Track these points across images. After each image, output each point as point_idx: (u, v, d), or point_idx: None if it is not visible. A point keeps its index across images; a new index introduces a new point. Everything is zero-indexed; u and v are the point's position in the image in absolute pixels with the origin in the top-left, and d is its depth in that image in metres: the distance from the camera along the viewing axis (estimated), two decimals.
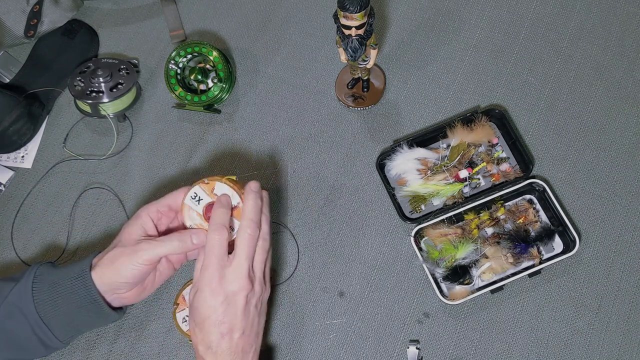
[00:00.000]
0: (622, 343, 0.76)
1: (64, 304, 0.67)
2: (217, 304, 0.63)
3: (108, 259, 0.67)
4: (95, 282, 0.67)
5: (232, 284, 0.64)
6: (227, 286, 0.64)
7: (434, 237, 0.80)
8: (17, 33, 0.90)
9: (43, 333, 0.67)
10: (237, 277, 0.64)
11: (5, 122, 0.85)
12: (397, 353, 0.77)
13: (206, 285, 0.64)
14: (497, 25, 0.93)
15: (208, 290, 0.63)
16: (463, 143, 0.83)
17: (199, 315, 0.64)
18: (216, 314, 0.63)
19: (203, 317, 0.64)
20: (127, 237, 0.68)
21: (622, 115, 0.86)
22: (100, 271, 0.67)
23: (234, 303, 0.64)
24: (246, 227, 0.66)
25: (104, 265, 0.67)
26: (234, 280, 0.64)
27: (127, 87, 0.87)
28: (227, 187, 0.69)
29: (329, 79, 0.91)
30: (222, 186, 0.69)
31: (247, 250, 0.65)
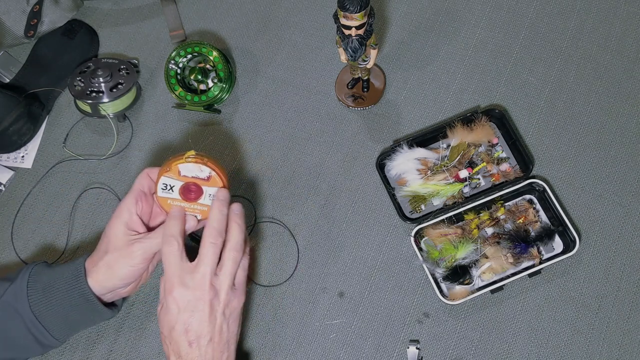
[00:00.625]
0: (622, 343, 0.76)
1: (58, 303, 0.67)
2: (180, 312, 0.63)
3: (104, 266, 0.67)
4: (92, 285, 0.67)
5: (194, 291, 0.63)
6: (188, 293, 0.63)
7: (434, 237, 0.80)
8: (17, 33, 0.90)
9: (39, 332, 0.67)
10: (198, 285, 0.63)
11: (5, 122, 0.85)
12: (397, 353, 0.77)
13: (168, 295, 0.63)
14: (497, 25, 0.93)
15: (170, 299, 0.63)
16: (463, 143, 0.83)
17: (166, 326, 0.64)
18: (181, 322, 0.63)
19: (170, 327, 0.64)
20: (115, 239, 0.68)
21: (622, 115, 0.86)
22: (96, 276, 0.68)
23: (198, 310, 0.63)
24: (208, 236, 0.65)
25: (100, 272, 0.68)
26: (195, 288, 0.63)
27: (127, 87, 0.87)
28: (192, 165, 0.68)
29: (329, 79, 0.91)
30: (187, 166, 0.68)
31: (209, 258, 0.64)
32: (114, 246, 0.68)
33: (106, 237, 0.69)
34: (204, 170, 0.68)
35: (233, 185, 0.86)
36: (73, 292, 0.67)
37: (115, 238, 0.68)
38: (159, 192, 0.69)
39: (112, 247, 0.68)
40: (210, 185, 0.68)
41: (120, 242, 0.68)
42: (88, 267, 0.68)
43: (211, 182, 0.68)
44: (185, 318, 0.63)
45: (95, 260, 0.68)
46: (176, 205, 0.68)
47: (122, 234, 0.68)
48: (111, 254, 0.67)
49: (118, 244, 0.68)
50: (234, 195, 0.86)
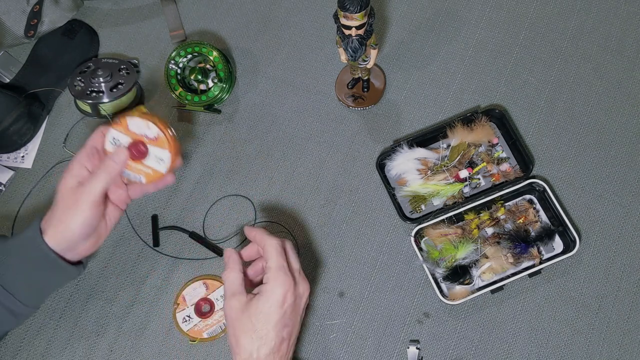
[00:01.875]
0: (622, 343, 0.76)
1: (20, 266, 0.67)
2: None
3: (55, 219, 0.67)
4: (49, 244, 0.67)
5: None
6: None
7: (434, 237, 0.80)
8: (17, 33, 0.90)
9: (8, 300, 0.67)
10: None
11: (5, 122, 0.85)
12: (397, 353, 0.77)
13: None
14: (497, 25, 0.93)
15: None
16: (463, 143, 0.83)
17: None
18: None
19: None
20: (65, 192, 0.67)
21: (622, 115, 0.86)
22: (52, 233, 0.67)
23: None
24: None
25: (53, 226, 0.67)
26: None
27: (127, 87, 0.87)
28: (140, 120, 0.67)
29: (329, 79, 0.91)
30: (135, 120, 0.67)
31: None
32: (63, 199, 0.67)
33: (58, 192, 0.68)
34: (151, 129, 0.67)
35: (233, 184, 0.86)
36: (32, 252, 0.67)
37: (65, 191, 0.67)
38: (107, 146, 0.69)
39: (62, 201, 0.67)
40: (157, 146, 0.68)
41: (68, 194, 0.67)
42: (44, 226, 0.68)
43: (158, 143, 0.68)
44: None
45: (48, 217, 0.68)
46: (231, 254, 0.70)
47: (71, 185, 0.67)
48: (61, 207, 0.67)
49: (66, 195, 0.67)
50: (235, 195, 0.86)
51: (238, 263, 0.69)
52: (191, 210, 0.85)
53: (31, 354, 0.79)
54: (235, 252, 0.70)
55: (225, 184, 0.87)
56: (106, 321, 0.80)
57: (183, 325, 0.78)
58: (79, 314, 0.81)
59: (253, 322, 0.64)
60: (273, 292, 0.65)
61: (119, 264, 0.83)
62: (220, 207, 0.85)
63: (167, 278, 0.82)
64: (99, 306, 0.81)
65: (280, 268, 0.66)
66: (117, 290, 0.82)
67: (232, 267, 0.68)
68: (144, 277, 0.82)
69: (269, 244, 0.67)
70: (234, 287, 0.67)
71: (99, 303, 0.81)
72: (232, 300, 0.66)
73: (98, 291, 0.82)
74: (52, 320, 0.80)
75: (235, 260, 0.69)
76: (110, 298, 0.81)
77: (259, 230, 0.70)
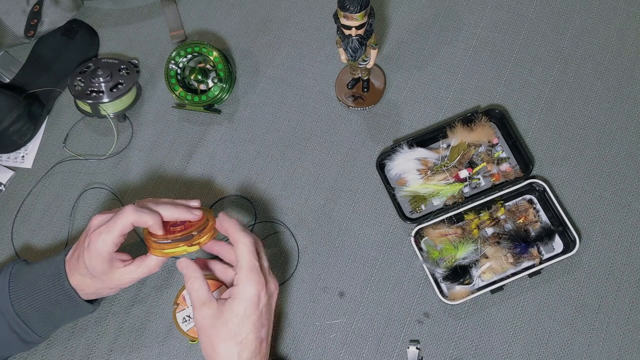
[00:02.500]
0: (622, 343, 0.76)
1: (40, 301, 0.68)
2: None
3: (89, 284, 0.68)
4: (73, 284, 0.68)
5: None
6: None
7: (434, 237, 0.80)
8: (17, 33, 0.90)
9: (22, 330, 0.68)
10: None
11: (5, 122, 0.85)
12: (397, 353, 0.77)
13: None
14: (497, 25, 0.93)
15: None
16: (463, 143, 0.83)
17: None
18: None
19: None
20: (95, 269, 0.67)
21: (622, 115, 0.86)
22: (80, 285, 0.69)
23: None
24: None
25: (85, 284, 0.68)
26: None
27: (127, 87, 0.87)
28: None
29: (329, 79, 0.91)
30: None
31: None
32: (94, 273, 0.67)
33: (84, 260, 0.66)
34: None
35: (233, 184, 0.86)
36: (55, 291, 0.68)
37: (94, 269, 0.67)
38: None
39: (95, 274, 0.67)
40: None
41: (100, 272, 0.67)
42: (68, 267, 0.68)
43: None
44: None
45: (76, 267, 0.68)
46: (187, 264, 0.68)
47: (102, 266, 0.67)
48: (99, 279, 0.68)
49: (99, 273, 0.67)
50: (235, 195, 0.86)
51: (198, 270, 0.66)
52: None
53: (31, 354, 0.79)
54: (191, 261, 0.67)
55: (225, 184, 0.87)
56: (106, 321, 0.80)
57: (183, 325, 0.78)
58: None
59: (230, 327, 0.62)
60: (246, 293, 0.63)
61: None
62: (220, 207, 0.85)
63: (167, 278, 0.82)
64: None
65: (252, 268, 0.64)
66: None
67: (194, 276, 0.65)
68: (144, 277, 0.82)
69: (242, 242, 0.65)
70: (202, 295, 0.64)
71: None
72: (204, 309, 0.64)
73: None
74: None
75: (195, 269, 0.66)
76: (110, 298, 0.81)
77: (232, 222, 0.67)
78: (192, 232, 0.68)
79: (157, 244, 0.67)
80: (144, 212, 0.66)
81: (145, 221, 0.66)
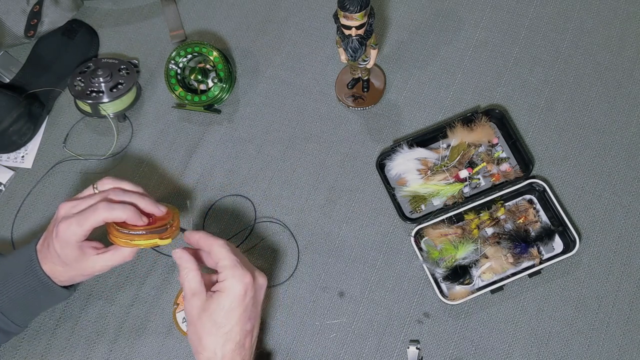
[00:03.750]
0: (622, 343, 0.76)
1: (15, 291, 0.69)
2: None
3: (62, 271, 0.69)
4: (45, 269, 0.68)
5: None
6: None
7: (434, 237, 0.80)
8: (17, 33, 0.90)
9: (1, 321, 0.70)
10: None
11: (6, 122, 0.85)
12: (397, 353, 0.77)
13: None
14: (497, 25, 0.93)
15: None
16: (463, 143, 0.83)
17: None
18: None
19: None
20: (66, 257, 0.67)
21: (622, 115, 0.86)
22: (53, 272, 0.69)
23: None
24: None
25: (57, 271, 0.69)
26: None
27: (127, 87, 0.87)
28: None
29: (329, 79, 0.91)
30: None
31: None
32: (65, 261, 0.67)
33: (54, 248, 0.67)
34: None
35: (233, 184, 0.86)
36: (29, 279, 0.69)
37: (65, 257, 0.67)
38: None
39: (69, 260, 0.67)
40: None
41: (71, 259, 0.67)
42: (40, 255, 0.69)
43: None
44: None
45: (47, 256, 0.68)
46: (182, 254, 0.68)
47: (73, 254, 0.67)
48: (70, 267, 0.68)
49: (70, 259, 0.67)
50: (235, 195, 0.86)
51: (192, 262, 0.66)
52: (191, 210, 0.85)
53: (30, 354, 0.79)
54: (186, 252, 0.67)
55: (225, 184, 0.87)
56: (106, 321, 0.80)
57: (183, 325, 0.78)
58: (79, 314, 0.81)
59: (215, 319, 0.63)
60: (233, 287, 0.63)
61: None
62: (220, 207, 0.85)
63: (167, 278, 0.82)
64: (98, 306, 0.81)
65: (235, 264, 0.64)
66: (117, 290, 0.82)
67: (188, 267, 0.66)
68: (144, 277, 0.82)
69: (217, 244, 0.65)
70: (194, 286, 0.65)
71: (98, 303, 0.81)
72: (194, 300, 0.64)
73: (98, 291, 0.82)
74: (52, 320, 0.80)
75: (189, 259, 0.66)
76: (110, 298, 0.81)
77: (201, 233, 0.67)
78: (166, 225, 0.68)
79: (125, 234, 0.67)
80: (116, 208, 0.66)
81: (118, 216, 0.66)
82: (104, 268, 0.69)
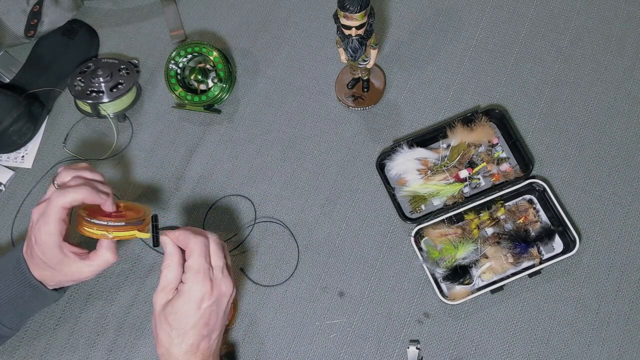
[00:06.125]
0: (622, 343, 0.76)
1: (6, 295, 0.69)
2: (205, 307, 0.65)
3: (51, 279, 0.69)
4: (35, 274, 0.69)
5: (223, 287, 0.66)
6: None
7: (434, 237, 0.80)
8: (17, 33, 0.90)
9: None
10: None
11: (5, 122, 0.85)
12: (397, 353, 0.77)
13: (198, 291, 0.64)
14: (497, 25, 0.93)
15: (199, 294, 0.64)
16: (463, 143, 0.83)
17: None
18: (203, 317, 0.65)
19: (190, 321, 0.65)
20: (50, 261, 0.67)
21: (622, 115, 0.86)
22: (41, 276, 0.69)
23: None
24: None
25: (46, 276, 0.69)
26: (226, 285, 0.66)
27: (127, 87, 0.87)
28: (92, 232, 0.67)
29: (329, 79, 0.91)
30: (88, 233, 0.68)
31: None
32: (55, 262, 0.67)
33: (39, 249, 0.67)
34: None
35: (233, 185, 0.86)
36: (19, 283, 0.69)
37: (51, 254, 0.67)
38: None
39: (54, 263, 0.67)
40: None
41: (58, 257, 0.67)
42: (27, 261, 0.69)
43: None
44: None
45: (33, 262, 0.68)
46: (174, 249, 0.66)
47: (58, 250, 0.67)
48: (57, 271, 0.68)
49: (56, 259, 0.67)
50: (235, 195, 0.86)
51: (175, 255, 0.65)
52: (191, 210, 0.85)
53: (30, 354, 0.79)
54: (178, 249, 0.66)
55: (225, 184, 0.87)
56: (106, 321, 0.80)
57: None
58: (79, 314, 0.81)
59: (169, 320, 0.63)
60: (190, 293, 0.63)
61: (118, 264, 0.83)
62: (220, 207, 0.85)
63: None
64: (98, 306, 0.81)
65: (199, 270, 0.64)
66: (117, 290, 0.82)
67: (174, 263, 0.65)
68: (144, 277, 0.82)
69: (194, 242, 0.65)
70: (167, 282, 0.65)
71: (98, 303, 0.81)
72: (160, 295, 0.65)
73: (98, 291, 0.82)
74: (52, 320, 0.80)
75: (172, 252, 0.65)
76: (110, 298, 0.81)
77: (182, 230, 0.66)
78: (141, 218, 0.68)
79: (102, 225, 0.66)
80: (69, 191, 0.66)
81: (73, 199, 0.66)
82: (92, 273, 0.69)
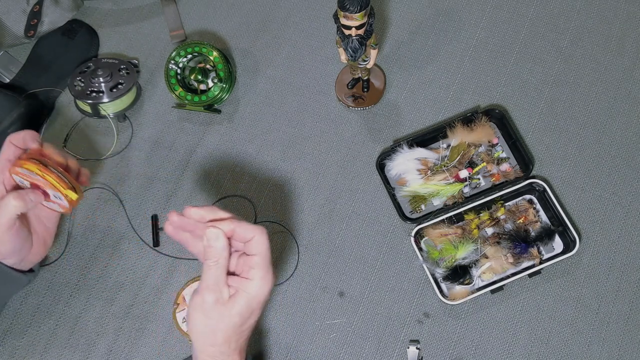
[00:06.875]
0: (622, 343, 0.76)
1: None
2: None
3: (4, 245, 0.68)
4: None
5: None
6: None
7: (434, 237, 0.80)
8: (17, 33, 0.90)
9: None
10: None
11: (5, 122, 0.85)
12: (397, 353, 0.77)
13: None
14: (497, 25, 0.93)
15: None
16: (463, 143, 0.83)
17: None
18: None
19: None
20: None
21: (622, 115, 0.86)
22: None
23: None
24: None
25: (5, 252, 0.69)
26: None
27: (127, 87, 0.87)
28: (22, 172, 0.67)
29: (329, 79, 0.91)
30: (18, 175, 0.68)
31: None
32: None
33: None
34: (37, 176, 0.67)
35: (233, 185, 0.86)
36: None
37: None
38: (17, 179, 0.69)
39: None
40: (50, 188, 0.68)
41: None
42: None
43: (49, 186, 0.68)
44: None
45: None
46: (223, 241, 0.59)
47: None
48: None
49: None
50: (236, 195, 0.86)
51: (226, 251, 0.59)
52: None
53: (30, 353, 0.79)
54: (225, 238, 0.59)
55: (225, 184, 0.87)
56: (106, 321, 0.80)
57: (183, 325, 0.78)
58: (79, 314, 0.81)
59: (235, 321, 0.59)
60: (260, 290, 0.59)
61: (118, 264, 0.83)
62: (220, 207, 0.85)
63: (167, 278, 0.82)
64: (98, 306, 0.81)
65: (269, 268, 0.60)
66: (117, 290, 0.82)
67: (225, 259, 0.59)
68: (143, 277, 0.82)
69: (260, 232, 0.59)
70: (213, 283, 0.59)
71: (98, 303, 0.81)
72: (207, 294, 0.58)
73: (98, 291, 0.82)
74: (52, 320, 0.80)
75: (225, 248, 0.59)
76: (110, 298, 0.81)
77: (234, 221, 0.60)
78: (74, 185, 0.69)
79: (37, 163, 0.66)
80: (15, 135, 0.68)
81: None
82: (16, 208, 0.66)
